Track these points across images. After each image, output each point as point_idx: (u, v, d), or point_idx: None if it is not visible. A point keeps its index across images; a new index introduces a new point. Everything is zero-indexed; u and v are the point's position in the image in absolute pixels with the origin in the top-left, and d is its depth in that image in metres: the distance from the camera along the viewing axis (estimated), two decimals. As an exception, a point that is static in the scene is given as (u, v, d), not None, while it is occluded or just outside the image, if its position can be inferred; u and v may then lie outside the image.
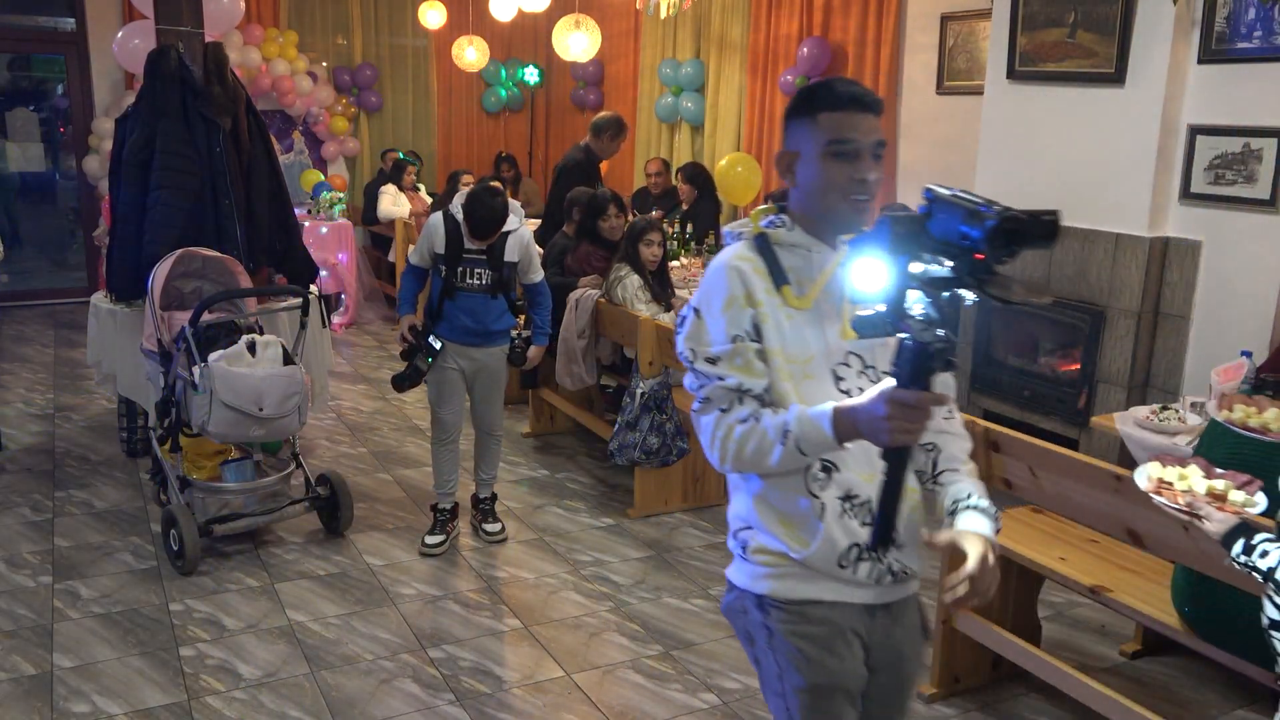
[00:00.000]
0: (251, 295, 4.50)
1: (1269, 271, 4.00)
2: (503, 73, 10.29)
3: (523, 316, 4.37)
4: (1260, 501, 1.83)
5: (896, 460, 1.59)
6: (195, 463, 4.32)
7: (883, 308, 1.54)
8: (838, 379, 1.75)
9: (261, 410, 3.83)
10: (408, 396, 5.01)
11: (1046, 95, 4.67)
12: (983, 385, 5.08)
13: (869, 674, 1.84)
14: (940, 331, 1.50)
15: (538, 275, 4.23)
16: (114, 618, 3.59)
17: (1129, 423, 3.53)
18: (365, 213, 8.94)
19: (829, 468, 1.74)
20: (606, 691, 3.22)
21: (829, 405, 1.63)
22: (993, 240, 1.45)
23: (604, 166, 7.39)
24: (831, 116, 1.73)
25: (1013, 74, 4.78)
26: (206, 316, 4.02)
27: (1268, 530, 1.76)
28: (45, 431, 5.54)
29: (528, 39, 10.34)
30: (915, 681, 1.97)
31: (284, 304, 4.78)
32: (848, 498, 1.74)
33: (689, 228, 7.06)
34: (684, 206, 7.44)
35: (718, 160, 7.78)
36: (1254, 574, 1.73)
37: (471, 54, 8.90)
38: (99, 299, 4.95)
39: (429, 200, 8.66)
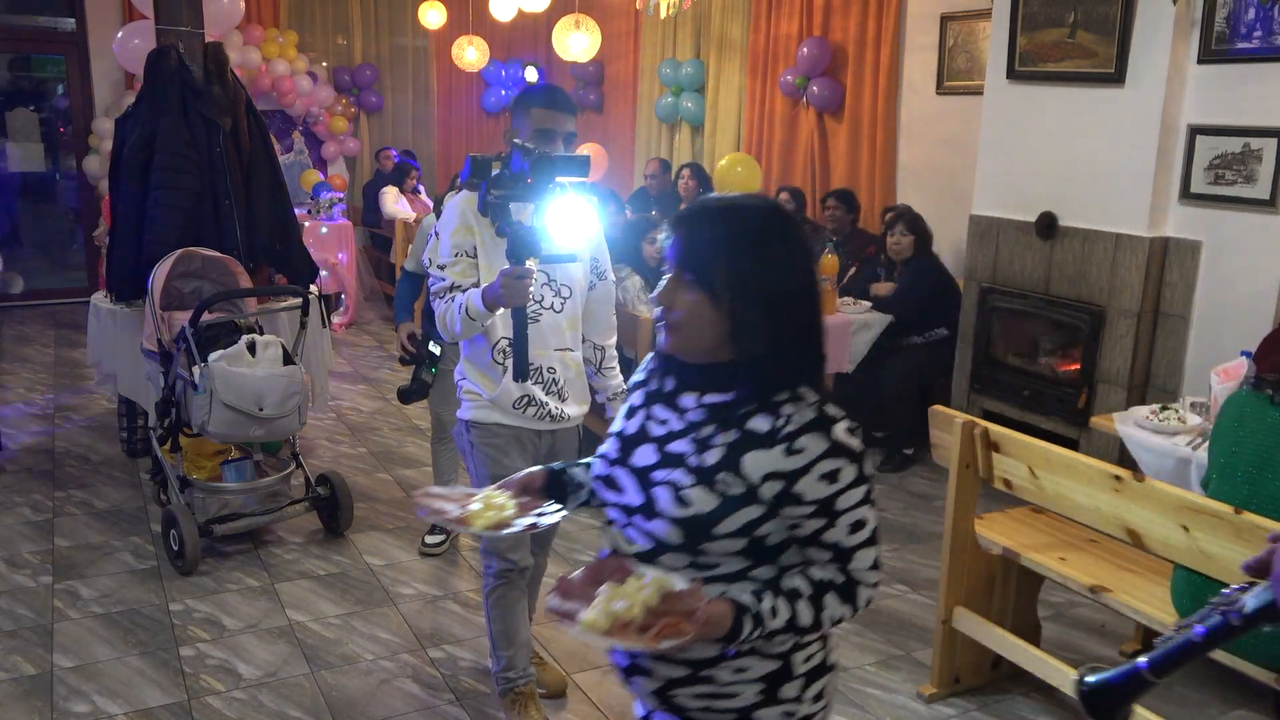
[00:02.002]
0: (251, 295, 4.50)
1: (1269, 271, 4.00)
2: (503, 73, 10.29)
3: None
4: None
5: (519, 316, 2.52)
6: (195, 463, 4.32)
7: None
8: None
9: (261, 410, 3.83)
10: (408, 396, 5.01)
11: (1046, 95, 4.67)
12: (983, 385, 5.08)
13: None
14: (528, 226, 2.42)
15: None
16: (114, 618, 3.59)
17: (1129, 423, 3.53)
18: (365, 214, 8.94)
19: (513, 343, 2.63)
20: (606, 691, 3.22)
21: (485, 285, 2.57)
22: (535, 169, 2.37)
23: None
24: (540, 111, 2.70)
25: (1013, 74, 4.78)
26: (206, 316, 4.02)
27: (737, 591, 1.47)
28: (45, 431, 5.54)
29: (528, 39, 10.34)
30: None
31: (284, 304, 4.78)
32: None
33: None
34: (684, 206, 7.44)
35: (718, 160, 7.78)
36: (770, 639, 1.48)
37: (471, 54, 8.91)
38: (99, 299, 4.95)
39: (430, 203, 8.67)
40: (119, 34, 6.78)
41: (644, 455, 1.56)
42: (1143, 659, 1.09)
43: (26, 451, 5.23)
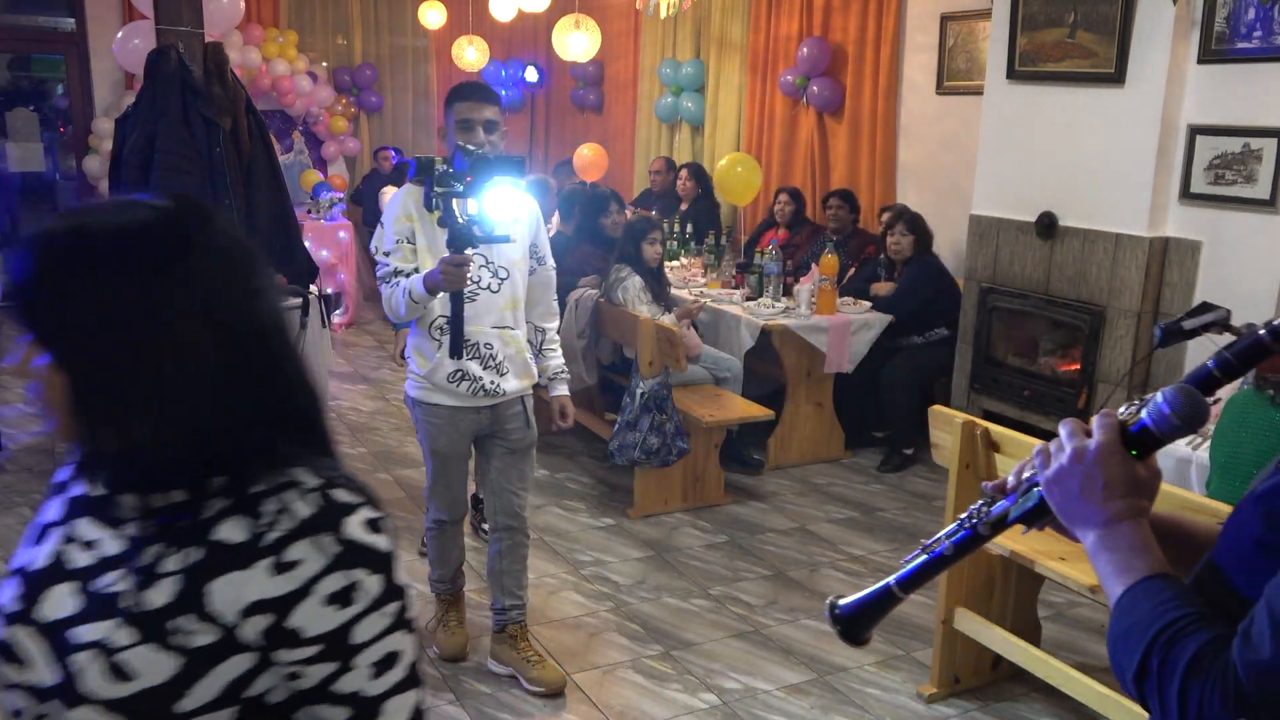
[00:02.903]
0: (251, 295, 4.49)
1: (1269, 271, 4.00)
2: (503, 73, 10.29)
3: None
4: None
5: (456, 298, 2.85)
6: (195, 463, 4.32)
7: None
8: None
9: (261, 410, 3.83)
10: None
11: (1046, 95, 4.67)
12: (983, 385, 5.08)
13: (491, 440, 3.16)
14: (466, 218, 2.73)
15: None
16: (114, 618, 3.58)
17: (1129, 423, 3.53)
18: (366, 214, 8.94)
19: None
20: (606, 691, 3.22)
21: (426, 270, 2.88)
22: (473, 169, 2.69)
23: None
24: (460, 104, 2.96)
25: (1013, 74, 4.78)
26: (206, 316, 4.01)
27: None
28: (45, 431, 5.54)
29: (528, 39, 10.34)
30: (527, 448, 3.22)
31: (284, 304, 4.78)
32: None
33: (689, 228, 7.06)
34: (684, 206, 7.44)
35: (718, 160, 7.79)
36: None
37: (471, 54, 8.90)
38: (99, 299, 4.95)
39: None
40: (119, 34, 6.78)
41: (58, 603, 1.01)
42: (892, 578, 1.13)
43: (26, 451, 5.23)
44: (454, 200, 2.74)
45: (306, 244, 5.36)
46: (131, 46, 6.40)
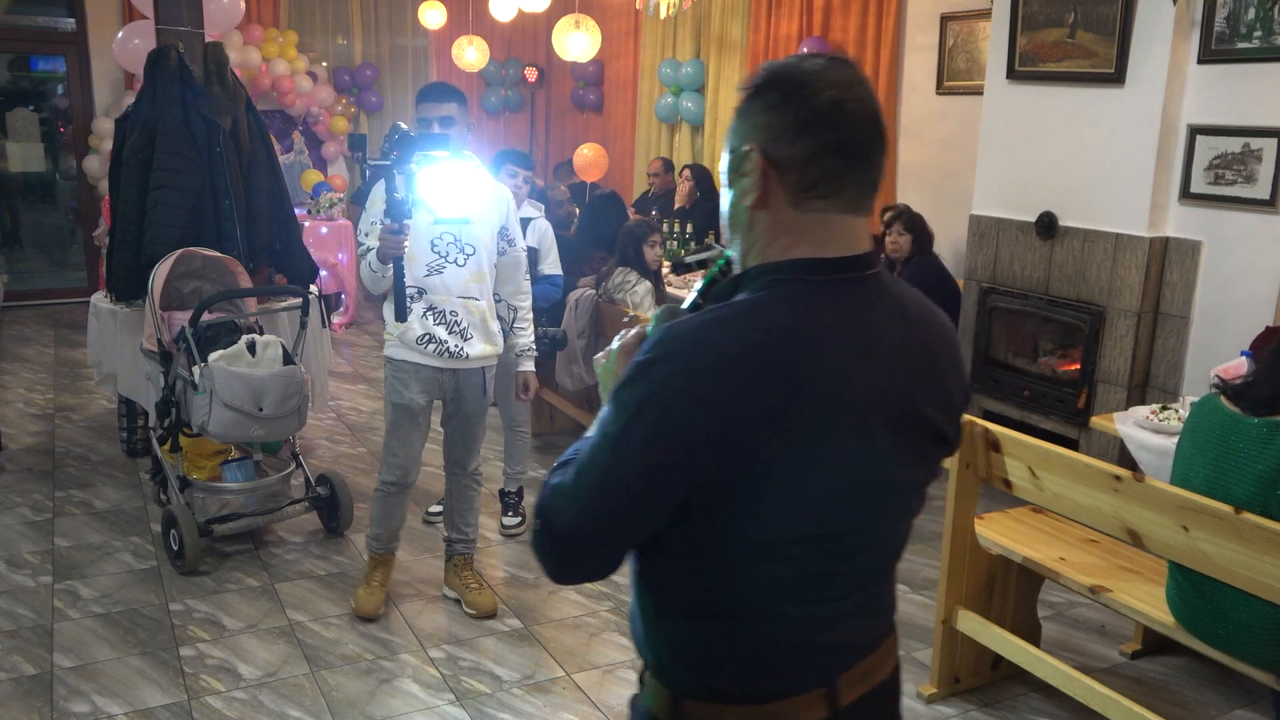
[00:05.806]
0: (251, 295, 4.50)
1: (1269, 271, 4.00)
2: (503, 73, 10.29)
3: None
4: None
5: (397, 265, 3.12)
6: (195, 463, 4.32)
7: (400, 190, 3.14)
8: (433, 245, 3.29)
9: (261, 410, 3.84)
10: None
11: (1046, 95, 4.67)
12: (983, 385, 5.08)
13: (447, 404, 3.49)
14: (404, 195, 3.09)
15: (553, 269, 4.52)
16: (114, 618, 3.59)
17: (1129, 423, 3.53)
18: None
19: (421, 291, 3.30)
20: (606, 691, 3.22)
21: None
22: (399, 147, 3.03)
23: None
24: (420, 105, 3.38)
25: (1013, 74, 4.78)
26: (206, 316, 4.01)
27: None
28: (45, 431, 5.54)
29: (528, 39, 10.34)
30: (480, 414, 3.55)
31: (284, 304, 4.78)
32: (430, 309, 3.32)
33: (689, 227, 7.06)
34: (684, 205, 7.44)
35: (718, 160, 7.78)
36: None
37: (471, 54, 8.90)
38: (99, 299, 4.95)
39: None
40: (119, 34, 6.79)
41: None
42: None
43: (26, 451, 5.23)
44: (395, 175, 3.08)
45: (306, 244, 5.36)
46: (131, 46, 6.41)
